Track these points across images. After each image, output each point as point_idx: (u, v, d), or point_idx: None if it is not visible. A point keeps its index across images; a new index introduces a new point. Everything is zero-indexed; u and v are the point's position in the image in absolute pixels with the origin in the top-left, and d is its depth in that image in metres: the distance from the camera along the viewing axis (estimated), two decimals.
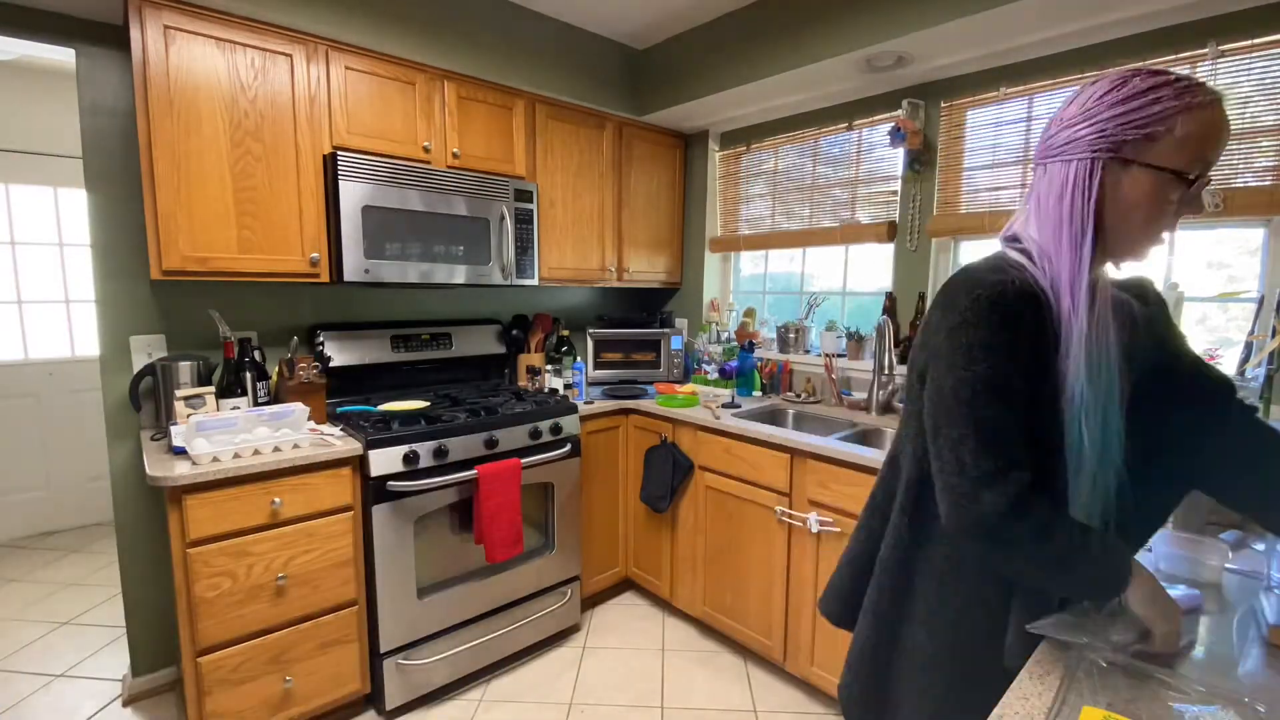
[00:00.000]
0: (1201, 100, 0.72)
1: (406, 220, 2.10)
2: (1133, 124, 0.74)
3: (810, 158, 2.70)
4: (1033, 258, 0.80)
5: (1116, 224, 0.78)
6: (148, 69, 1.68)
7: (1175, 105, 0.73)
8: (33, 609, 2.67)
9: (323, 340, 2.25)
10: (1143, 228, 0.77)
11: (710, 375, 2.88)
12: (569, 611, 2.43)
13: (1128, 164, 0.75)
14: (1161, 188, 0.74)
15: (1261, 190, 1.62)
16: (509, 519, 2.07)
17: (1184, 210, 0.77)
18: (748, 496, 2.19)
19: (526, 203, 2.41)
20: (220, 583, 1.64)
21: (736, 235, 3.05)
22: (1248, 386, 1.60)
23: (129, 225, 1.96)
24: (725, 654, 2.36)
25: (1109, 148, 0.76)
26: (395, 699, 1.97)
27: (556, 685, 2.17)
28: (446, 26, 2.23)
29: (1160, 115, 0.73)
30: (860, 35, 2.03)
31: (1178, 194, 0.74)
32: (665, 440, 2.49)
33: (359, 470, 1.87)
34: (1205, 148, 0.73)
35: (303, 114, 1.94)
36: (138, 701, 2.05)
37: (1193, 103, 0.72)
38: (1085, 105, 0.78)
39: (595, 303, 3.29)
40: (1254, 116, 1.63)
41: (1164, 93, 0.73)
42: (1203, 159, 0.74)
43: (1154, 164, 0.74)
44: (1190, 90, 0.73)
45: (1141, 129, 0.74)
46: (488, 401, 2.29)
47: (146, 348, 2.01)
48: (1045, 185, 0.82)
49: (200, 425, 1.68)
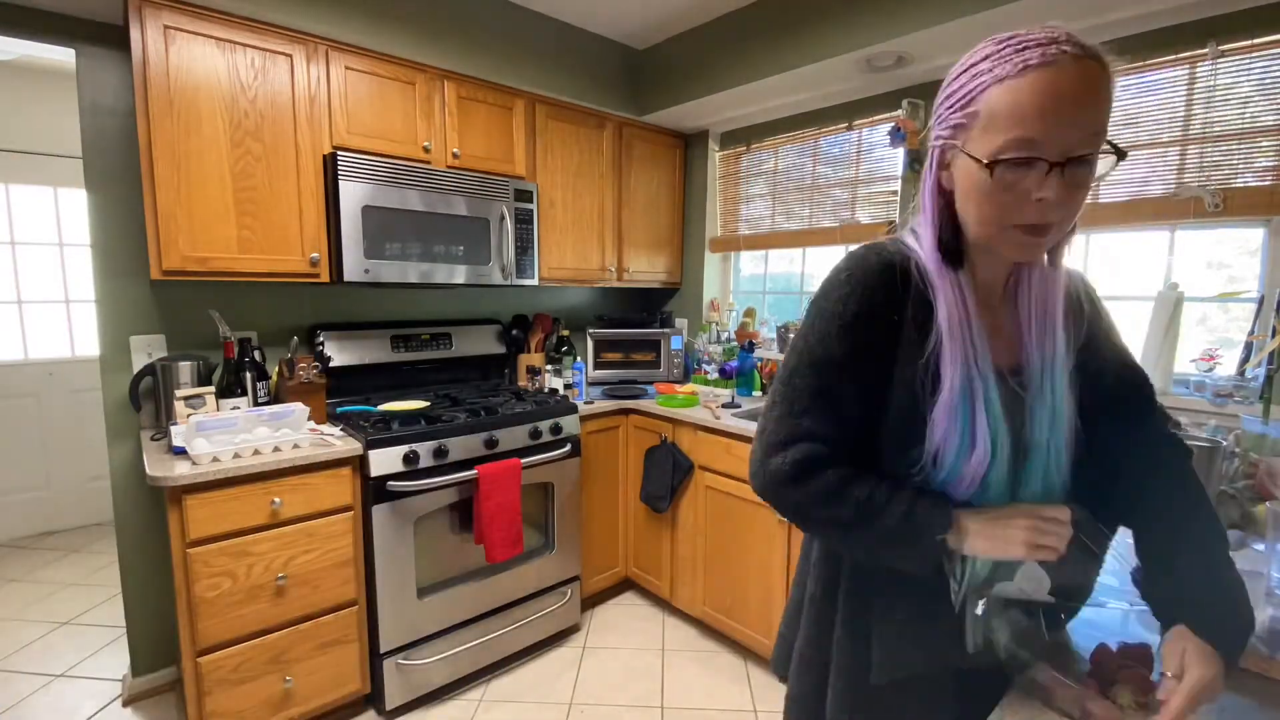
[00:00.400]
0: (1010, 69, 0.61)
1: (406, 220, 2.10)
2: (952, 106, 0.67)
3: (810, 158, 2.70)
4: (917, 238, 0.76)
5: (962, 212, 0.70)
6: (148, 69, 1.68)
7: (985, 81, 0.63)
8: (33, 609, 2.67)
9: (323, 340, 2.25)
10: (981, 215, 0.67)
11: (710, 375, 2.88)
12: (569, 611, 2.43)
13: (960, 152, 0.67)
14: (981, 175, 0.64)
15: (1261, 190, 1.62)
16: (509, 519, 2.07)
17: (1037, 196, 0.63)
18: (748, 496, 2.19)
19: (526, 203, 2.41)
20: (220, 583, 1.64)
21: (736, 235, 3.04)
22: (1248, 386, 1.60)
23: (129, 225, 1.96)
24: (725, 654, 2.36)
25: (945, 133, 0.69)
26: (395, 699, 1.97)
27: (556, 685, 2.17)
28: (446, 26, 2.23)
29: (970, 94, 0.65)
30: (860, 35, 2.03)
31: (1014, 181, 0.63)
32: (665, 440, 2.49)
33: (359, 470, 1.87)
34: (1019, 126, 0.61)
35: (303, 114, 1.94)
36: (138, 701, 2.05)
37: (1000, 73, 0.62)
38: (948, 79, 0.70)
39: (595, 303, 3.29)
40: (1254, 116, 1.63)
41: (983, 65, 0.64)
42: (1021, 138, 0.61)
43: (969, 151, 0.65)
44: (1009, 58, 0.61)
45: (958, 111, 0.66)
46: (488, 401, 2.29)
47: (146, 348, 2.01)
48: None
49: (200, 425, 1.68)
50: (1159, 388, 1.74)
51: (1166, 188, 1.76)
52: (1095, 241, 2.00)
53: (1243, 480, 1.31)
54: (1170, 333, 1.73)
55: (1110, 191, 1.86)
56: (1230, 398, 1.62)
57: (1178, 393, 1.74)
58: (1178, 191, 1.73)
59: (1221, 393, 1.63)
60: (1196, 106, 1.70)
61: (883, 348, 0.72)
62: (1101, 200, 1.87)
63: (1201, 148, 1.70)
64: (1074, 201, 0.64)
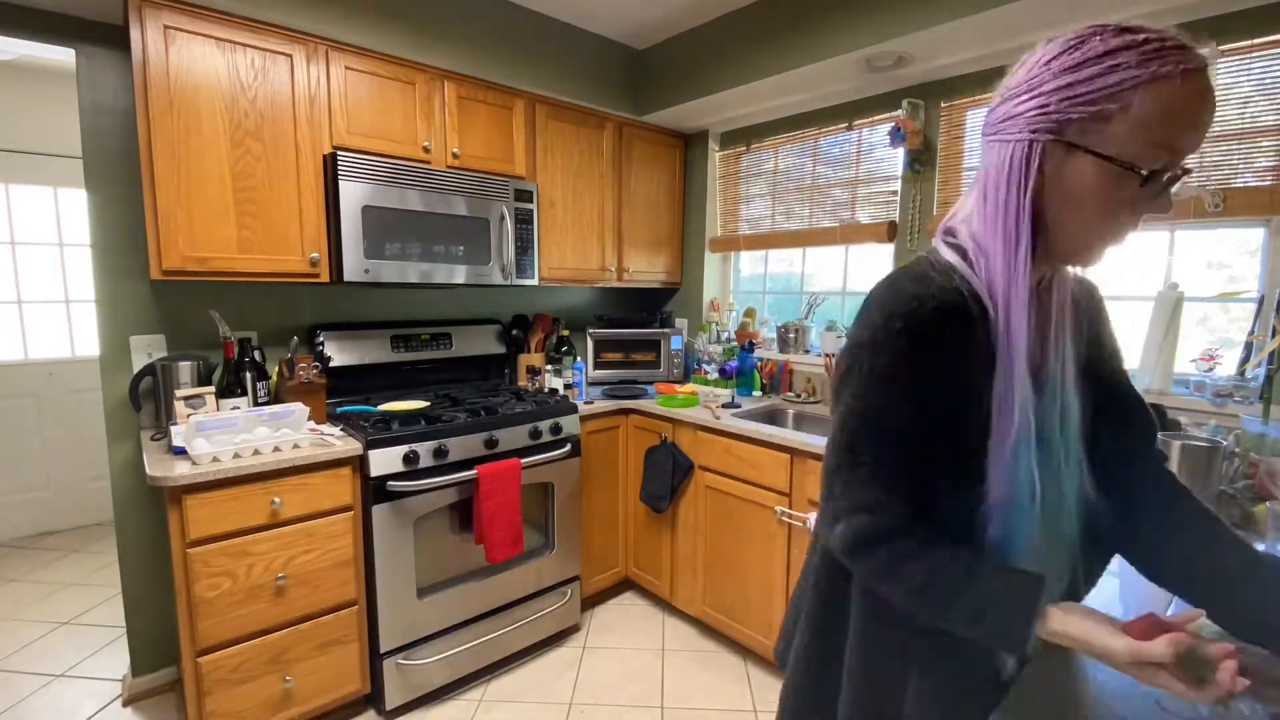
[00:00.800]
0: (1171, 69, 0.56)
1: (406, 220, 2.10)
2: (1080, 99, 0.59)
3: (810, 158, 2.70)
4: (967, 254, 0.68)
5: (1059, 220, 0.64)
6: (148, 69, 1.68)
7: (1135, 75, 0.57)
8: (33, 609, 2.67)
9: (323, 340, 2.25)
10: (1090, 227, 0.63)
11: (710, 375, 2.88)
12: (569, 611, 2.43)
13: (1072, 149, 0.61)
14: (1112, 180, 0.60)
15: (1261, 190, 1.62)
16: (509, 519, 2.07)
17: (1147, 209, 0.62)
18: (748, 496, 2.19)
19: (526, 203, 2.41)
20: (220, 583, 1.64)
21: (736, 235, 3.04)
22: (1248, 386, 1.60)
23: (129, 225, 1.96)
24: (725, 654, 2.36)
25: (1050, 127, 0.61)
26: (395, 699, 1.97)
27: (556, 685, 2.17)
28: (447, 26, 2.23)
29: (1115, 88, 0.58)
30: (860, 35, 2.03)
31: (1133, 188, 0.60)
32: (665, 440, 2.49)
33: (359, 470, 1.87)
34: (1172, 132, 0.58)
35: (303, 114, 1.94)
36: (138, 701, 2.05)
37: (1160, 72, 0.56)
38: (1031, 71, 0.64)
39: (595, 303, 3.29)
40: (1254, 116, 1.63)
41: (1125, 58, 0.57)
42: (1168, 146, 0.58)
43: (1101, 151, 0.59)
44: (1161, 55, 0.57)
45: (1090, 105, 0.59)
46: (488, 401, 2.29)
47: (146, 348, 2.01)
48: (983, 170, 0.69)
49: (200, 425, 1.68)
50: (1159, 388, 1.74)
51: None
52: None
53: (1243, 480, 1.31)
54: (1170, 333, 1.73)
55: None
56: (1230, 398, 1.62)
57: (1178, 393, 1.74)
58: (1178, 191, 1.73)
59: (1221, 393, 1.63)
60: None
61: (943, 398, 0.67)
62: None
63: (1201, 148, 1.70)
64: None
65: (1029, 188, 0.63)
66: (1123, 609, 0.97)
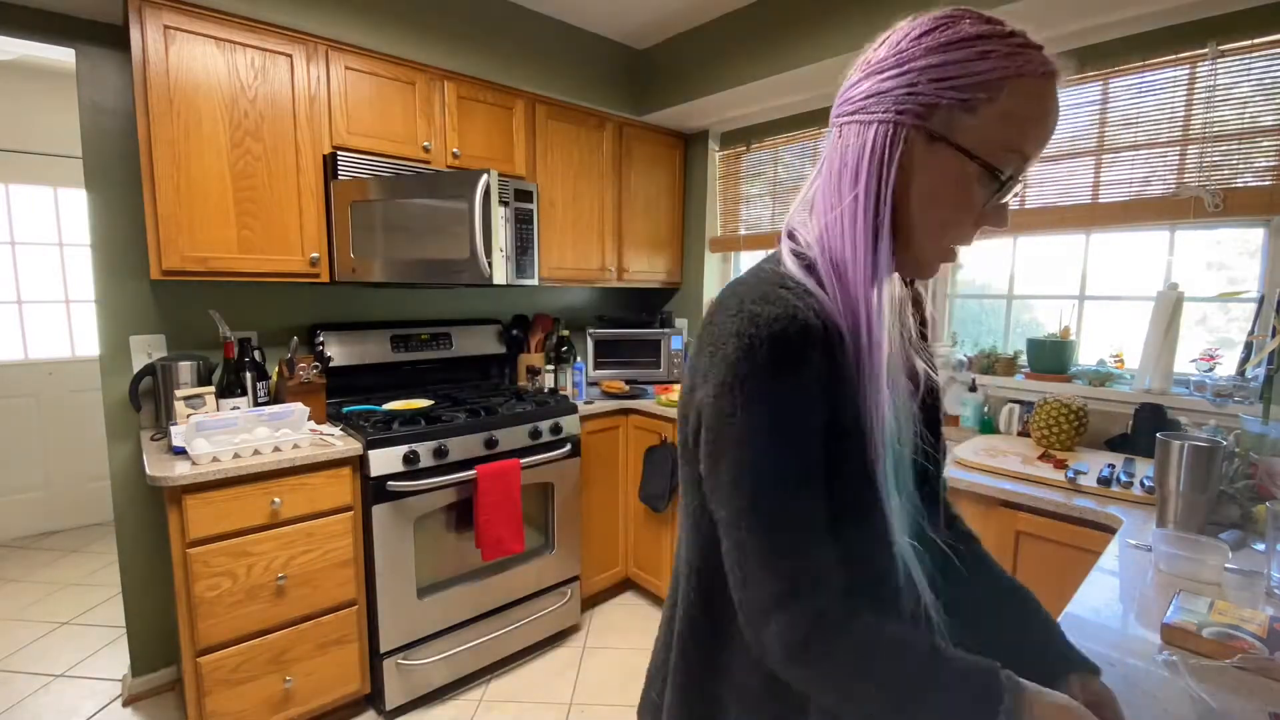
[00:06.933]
0: (1036, 68, 0.53)
1: (406, 220, 2.10)
2: (950, 82, 0.54)
3: (810, 158, 2.71)
4: (815, 267, 0.59)
5: (906, 223, 0.58)
6: (148, 69, 1.68)
7: (1004, 67, 0.53)
8: (33, 609, 2.67)
9: (323, 340, 2.25)
10: (937, 232, 0.57)
11: None
12: (569, 611, 2.43)
13: (934, 140, 0.55)
14: (970, 181, 0.55)
15: (1261, 190, 1.62)
16: (509, 519, 2.07)
17: (987, 220, 0.58)
18: None
19: (526, 202, 2.41)
20: (220, 583, 1.64)
21: (736, 235, 3.05)
22: (1248, 386, 1.60)
23: (129, 225, 1.96)
24: None
25: (918, 111, 0.55)
26: (395, 699, 1.97)
27: (556, 685, 2.17)
28: (446, 26, 2.23)
29: (985, 76, 0.53)
30: (860, 35, 2.03)
31: (988, 194, 0.56)
32: (665, 440, 2.48)
33: (359, 470, 1.87)
34: (1029, 135, 0.54)
35: (303, 114, 1.94)
36: (138, 701, 2.05)
37: (1026, 68, 0.53)
38: (899, 46, 0.58)
39: (595, 303, 3.29)
40: (1254, 116, 1.63)
41: (995, 46, 0.53)
42: (1021, 150, 0.55)
43: (964, 146, 0.54)
44: (1024, 51, 0.53)
45: (960, 92, 0.54)
46: (488, 401, 2.29)
47: (146, 348, 2.01)
48: (835, 156, 0.60)
49: (200, 425, 1.68)
50: (1159, 388, 1.75)
51: (1166, 188, 1.76)
52: (1095, 241, 2.00)
53: (1243, 480, 1.31)
54: (1170, 333, 1.73)
55: (1110, 192, 1.86)
56: (1230, 398, 1.62)
57: (1177, 393, 1.74)
58: (1178, 191, 1.73)
59: (1221, 393, 1.63)
60: (1196, 107, 1.70)
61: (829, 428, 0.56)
62: (1101, 200, 1.87)
63: (1201, 148, 1.70)
64: None
65: (892, 176, 0.56)
66: (1123, 609, 0.97)
